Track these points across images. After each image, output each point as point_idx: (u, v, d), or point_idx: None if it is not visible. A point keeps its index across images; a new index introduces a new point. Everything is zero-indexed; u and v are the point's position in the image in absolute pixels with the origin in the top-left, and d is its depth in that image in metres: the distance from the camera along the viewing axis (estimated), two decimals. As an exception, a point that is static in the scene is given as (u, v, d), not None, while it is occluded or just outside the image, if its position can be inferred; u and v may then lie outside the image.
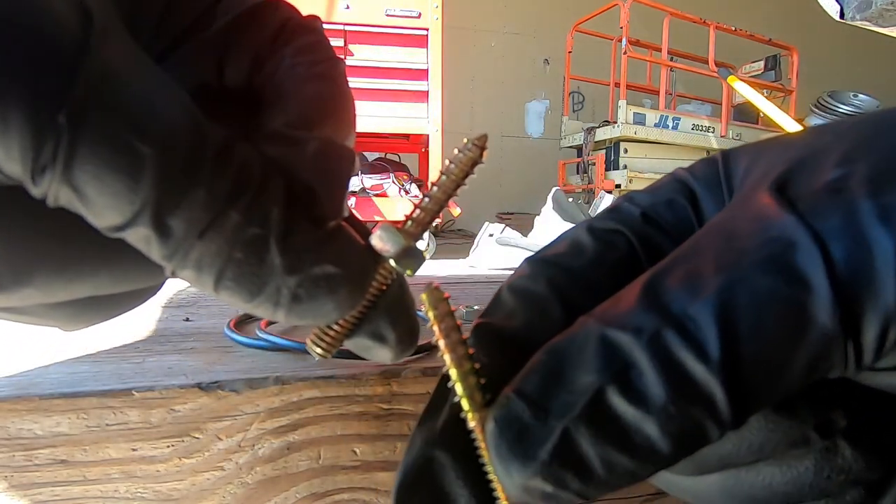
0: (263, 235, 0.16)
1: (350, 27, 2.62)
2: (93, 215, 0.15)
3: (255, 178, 0.16)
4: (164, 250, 0.16)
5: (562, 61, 4.35)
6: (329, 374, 0.29)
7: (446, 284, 0.66)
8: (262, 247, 0.16)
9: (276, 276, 0.17)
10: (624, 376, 0.13)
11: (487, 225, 1.24)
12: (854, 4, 0.94)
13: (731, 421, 0.13)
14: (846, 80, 5.04)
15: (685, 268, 0.14)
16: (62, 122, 0.13)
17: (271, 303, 0.17)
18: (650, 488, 0.33)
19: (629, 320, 0.14)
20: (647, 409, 0.13)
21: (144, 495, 0.27)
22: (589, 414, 0.13)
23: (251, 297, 0.17)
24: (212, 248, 0.16)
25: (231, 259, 0.16)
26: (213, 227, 0.16)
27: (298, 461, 0.29)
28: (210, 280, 0.16)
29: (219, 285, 0.16)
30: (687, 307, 0.13)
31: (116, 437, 0.26)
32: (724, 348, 0.13)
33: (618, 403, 0.13)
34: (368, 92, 2.67)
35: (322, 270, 0.17)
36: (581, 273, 0.18)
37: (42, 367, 0.31)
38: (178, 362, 0.32)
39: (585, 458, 0.13)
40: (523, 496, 0.14)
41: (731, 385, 0.13)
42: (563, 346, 0.14)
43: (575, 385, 0.14)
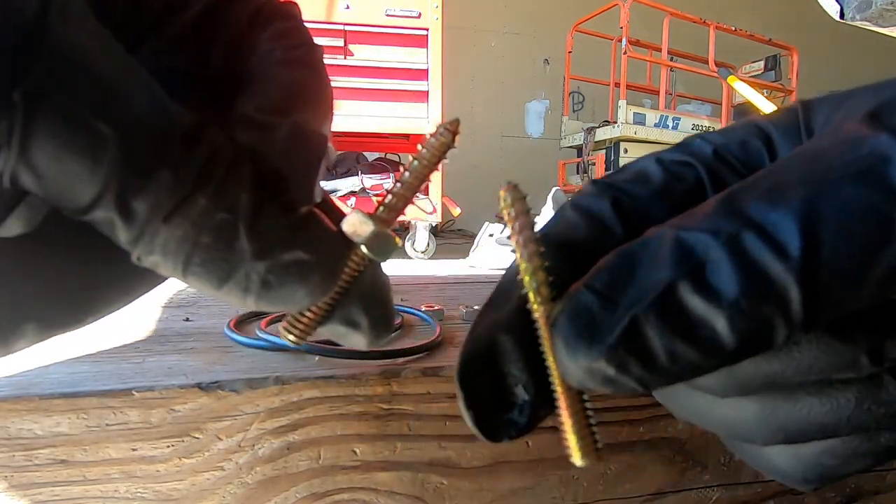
0: (232, 220, 0.16)
1: (350, 27, 2.62)
2: (54, 198, 0.14)
3: (223, 162, 0.16)
4: (128, 234, 0.15)
5: (562, 61, 4.35)
6: (329, 374, 0.29)
7: (446, 284, 0.66)
8: (231, 232, 0.16)
9: (246, 262, 0.16)
10: (697, 272, 0.13)
11: (487, 225, 1.24)
12: (854, 4, 0.94)
13: (801, 322, 0.13)
14: (846, 80, 5.03)
15: (767, 183, 0.14)
16: (17, 99, 0.13)
17: (240, 289, 0.17)
18: (650, 488, 0.33)
19: (707, 224, 0.14)
20: (718, 302, 0.13)
21: (144, 495, 0.27)
22: (658, 305, 0.13)
23: (220, 284, 0.17)
24: (178, 233, 0.16)
25: (198, 244, 0.16)
26: (180, 212, 0.16)
27: (298, 461, 0.29)
28: (178, 265, 0.16)
29: (187, 271, 0.16)
30: (769, 213, 0.13)
31: (116, 437, 0.26)
32: (805, 249, 0.13)
33: (688, 297, 0.13)
34: (368, 92, 2.66)
35: (293, 256, 0.17)
36: (646, 201, 0.18)
37: (42, 367, 0.30)
38: (178, 362, 0.32)
39: (650, 346, 0.13)
40: (586, 379, 0.14)
41: (808, 286, 0.13)
42: (635, 248, 0.15)
43: (646, 281, 0.14)
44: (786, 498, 0.36)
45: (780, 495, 0.35)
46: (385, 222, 0.19)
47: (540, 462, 0.32)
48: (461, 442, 0.30)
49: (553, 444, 0.32)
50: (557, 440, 0.32)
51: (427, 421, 0.30)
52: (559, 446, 0.33)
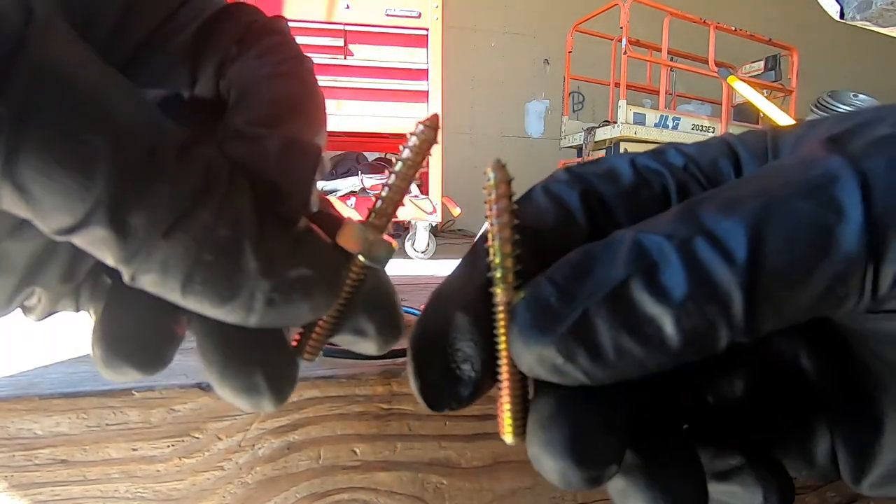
0: (235, 237, 0.16)
1: (350, 27, 2.62)
2: (40, 217, 0.14)
3: (222, 175, 0.16)
4: (123, 252, 0.15)
5: (562, 61, 4.35)
6: (329, 374, 0.29)
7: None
8: (235, 249, 0.16)
9: (251, 281, 0.16)
10: (650, 271, 0.14)
11: (487, 225, 1.24)
12: (854, 4, 0.94)
13: (742, 327, 0.14)
14: (846, 80, 5.04)
15: (725, 195, 0.15)
16: (2, 113, 0.12)
17: (244, 309, 0.16)
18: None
19: (664, 229, 0.14)
20: (667, 302, 0.14)
21: (144, 495, 0.27)
22: (610, 300, 0.14)
23: (222, 303, 0.16)
24: (179, 250, 0.15)
25: (200, 262, 0.15)
26: (180, 226, 0.15)
27: (298, 461, 0.29)
28: (176, 284, 0.15)
29: (186, 290, 0.15)
30: (721, 221, 0.14)
31: (116, 437, 0.26)
32: (750, 255, 0.13)
33: (639, 295, 0.14)
34: (368, 92, 2.67)
35: (297, 273, 0.17)
36: (612, 199, 0.19)
37: (42, 367, 0.31)
38: (178, 362, 0.32)
39: (599, 339, 0.14)
40: (535, 365, 0.15)
41: (750, 290, 0.13)
42: (597, 247, 0.15)
43: (602, 277, 0.15)
44: (786, 498, 0.36)
45: (780, 495, 0.35)
46: (378, 229, 0.19)
47: (540, 462, 0.32)
48: (461, 442, 0.30)
49: (553, 444, 0.32)
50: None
51: (427, 421, 0.30)
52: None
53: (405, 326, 0.22)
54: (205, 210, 0.15)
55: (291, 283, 0.17)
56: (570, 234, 0.18)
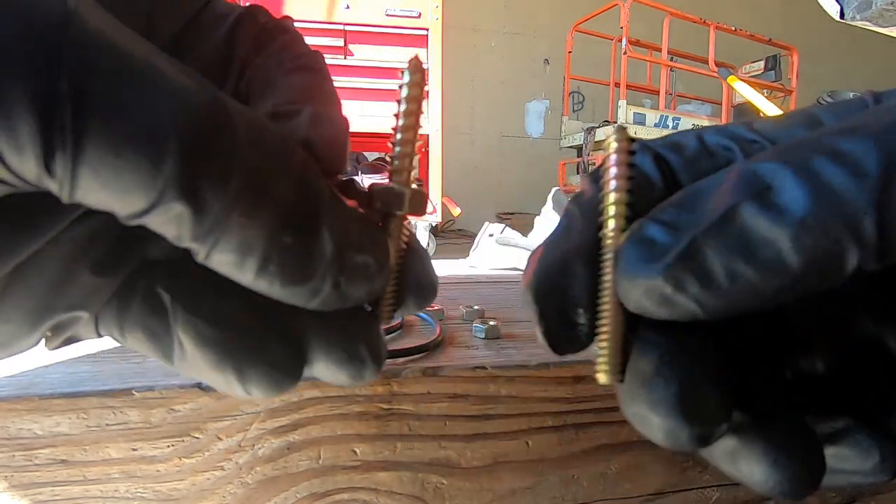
0: (316, 216, 0.15)
1: (350, 27, 2.62)
2: (115, 199, 0.13)
3: (296, 150, 0.15)
4: (198, 229, 0.14)
5: (562, 61, 4.35)
6: (329, 374, 0.29)
7: (446, 284, 0.66)
8: (313, 230, 0.15)
9: (324, 265, 0.15)
10: (763, 194, 0.13)
11: (487, 225, 1.24)
12: (854, 4, 0.94)
13: (874, 248, 0.12)
14: (846, 80, 5.04)
15: (841, 125, 0.13)
16: (62, 90, 0.12)
17: (311, 293, 0.15)
18: (650, 488, 0.33)
19: (776, 157, 0.13)
20: (784, 221, 0.12)
21: (144, 495, 0.27)
22: (719, 225, 0.13)
23: (292, 286, 0.15)
24: (258, 230, 0.14)
25: (279, 243, 0.14)
26: (263, 204, 0.14)
27: (298, 461, 0.29)
28: (253, 265, 0.14)
29: (261, 272, 0.15)
30: (845, 141, 0.13)
31: (116, 437, 0.26)
32: (883, 169, 0.12)
33: (751, 217, 0.13)
34: (368, 92, 2.66)
35: (362, 259, 0.16)
36: (678, 168, 0.18)
37: (42, 367, 0.30)
38: (178, 362, 0.32)
39: (709, 265, 0.13)
40: (642, 299, 0.14)
41: (884, 205, 0.12)
42: (703, 182, 0.15)
43: (710, 208, 0.14)
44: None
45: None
46: (407, 183, 0.18)
47: (540, 462, 0.32)
48: (461, 442, 0.30)
49: (553, 444, 0.32)
50: (557, 440, 0.32)
51: (427, 421, 0.30)
52: (559, 446, 0.33)
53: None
54: (284, 185, 0.15)
55: (357, 268, 0.16)
56: (650, 196, 0.17)
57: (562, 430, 0.32)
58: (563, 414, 0.31)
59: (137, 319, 0.19)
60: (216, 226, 0.14)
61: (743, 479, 0.16)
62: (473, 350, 0.35)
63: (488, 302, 0.52)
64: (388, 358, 0.31)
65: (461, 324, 0.43)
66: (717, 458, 0.16)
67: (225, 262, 0.15)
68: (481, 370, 0.31)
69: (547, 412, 0.31)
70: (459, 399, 0.30)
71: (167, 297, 0.18)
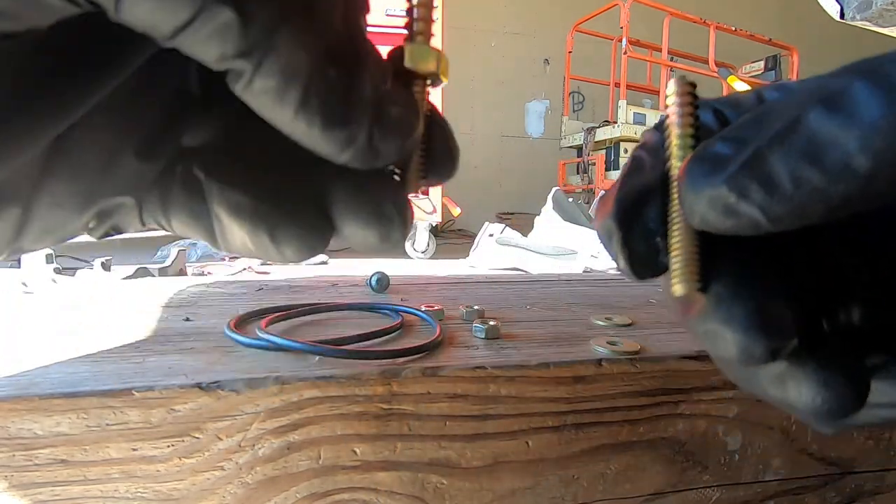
0: (360, 55, 0.14)
1: (350, 27, 2.62)
2: (159, 6, 0.12)
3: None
4: (243, 41, 0.13)
5: (562, 61, 4.35)
6: (329, 374, 0.29)
7: (446, 284, 0.66)
8: (358, 69, 0.14)
9: (362, 109, 0.15)
10: (832, 100, 0.13)
11: (487, 225, 1.24)
12: (854, 4, 0.94)
13: None
14: (846, 80, 5.03)
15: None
16: None
17: (345, 139, 0.15)
18: (650, 488, 0.33)
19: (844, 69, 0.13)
20: (851, 122, 0.12)
21: (144, 495, 0.27)
22: (785, 132, 0.13)
23: (330, 128, 0.14)
24: (308, 57, 0.13)
25: (323, 74, 0.14)
26: (314, 26, 0.13)
27: (298, 461, 0.29)
28: (295, 95, 0.14)
29: (302, 105, 0.14)
30: None
31: (116, 437, 0.26)
32: None
33: (818, 122, 0.13)
34: (368, 92, 2.66)
35: (396, 112, 0.16)
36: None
37: (42, 367, 0.30)
38: (178, 362, 0.32)
39: (773, 171, 0.13)
40: (707, 212, 0.14)
41: None
42: (769, 103, 0.15)
43: (776, 121, 0.14)
44: (786, 498, 0.36)
45: (780, 495, 0.35)
46: (429, 43, 0.18)
47: (540, 462, 0.32)
48: (461, 442, 0.30)
49: (553, 444, 0.32)
50: (557, 440, 0.32)
51: (427, 421, 0.30)
52: (559, 446, 0.33)
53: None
54: (332, 13, 0.14)
55: (391, 120, 0.16)
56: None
57: (562, 430, 0.32)
58: (563, 414, 0.31)
59: (179, 202, 0.19)
60: (263, 40, 0.13)
61: (788, 401, 0.16)
62: (473, 350, 0.35)
63: (488, 302, 0.52)
64: (388, 358, 0.31)
65: (461, 324, 0.43)
66: (764, 382, 0.17)
67: (267, 90, 0.14)
68: (481, 370, 0.31)
69: (547, 412, 0.31)
70: (459, 399, 0.30)
71: (202, 175, 0.18)
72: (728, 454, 0.34)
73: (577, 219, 1.66)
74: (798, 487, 0.36)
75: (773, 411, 0.34)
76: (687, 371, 0.33)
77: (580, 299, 0.55)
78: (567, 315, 0.47)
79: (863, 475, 0.37)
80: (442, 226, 3.31)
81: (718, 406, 0.34)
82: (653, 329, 0.41)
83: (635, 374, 0.32)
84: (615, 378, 0.32)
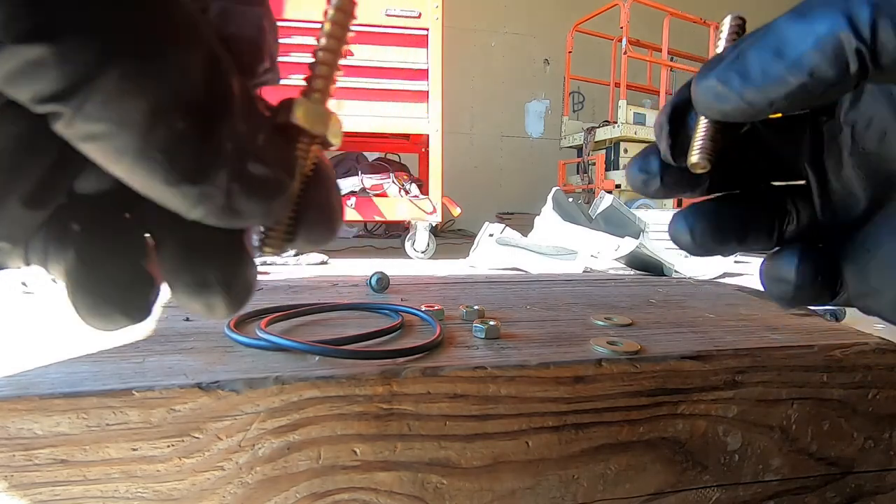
0: (220, 103, 0.13)
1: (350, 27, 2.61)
2: None
3: (204, 26, 0.13)
4: (61, 81, 0.11)
5: (562, 61, 4.36)
6: (329, 374, 0.29)
7: (446, 284, 0.66)
8: (213, 121, 0.13)
9: (219, 164, 0.13)
10: (800, 9, 0.17)
11: (487, 225, 1.24)
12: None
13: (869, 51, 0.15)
14: (846, 80, 5.04)
15: None
16: None
17: (196, 197, 0.13)
18: (650, 488, 0.33)
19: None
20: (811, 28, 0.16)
21: (144, 495, 0.27)
22: (760, 35, 0.17)
23: (177, 182, 0.13)
24: (142, 101, 0.12)
25: (169, 124, 0.12)
26: (153, 68, 0.12)
27: (298, 461, 0.29)
28: (132, 143, 0.12)
29: (142, 155, 0.12)
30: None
31: (116, 437, 0.26)
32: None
33: (786, 25, 0.17)
34: (368, 92, 2.67)
35: (262, 171, 0.14)
36: None
37: (42, 367, 0.31)
38: (178, 362, 0.32)
39: (748, 64, 0.17)
40: (702, 96, 0.18)
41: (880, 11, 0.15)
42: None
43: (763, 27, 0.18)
44: (786, 498, 0.36)
45: (780, 495, 0.35)
46: (325, 103, 0.17)
47: (540, 462, 0.32)
48: (461, 442, 0.30)
49: (553, 444, 0.32)
50: (557, 440, 0.32)
51: (427, 421, 0.30)
52: (559, 446, 0.32)
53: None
54: (185, 59, 0.12)
55: (255, 180, 0.14)
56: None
57: (562, 430, 0.32)
58: (563, 414, 0.32)
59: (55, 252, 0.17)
60: (83, 81, 0.11)
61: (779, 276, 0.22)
62: (473, 350, 0.35)
63: (488, 302, 0.52)
64: (388, 358, 0.31)
65: (461, 324, 0.43)
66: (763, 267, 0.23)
67: (94, 134, 0.12)
68: (481, 370, 0.31)
69: (547, 412, 0.31)
70: (459, 399, 0.30)
71: (77, 225, 0.17)
72: (728, 454, 0.34)
73: (577, 219, 1.66)
74: (798, 487, 0.36)
75: (774, 411, 0.34)
76: (687, 371, 0.33)
77: (580, 299, 0.55)
78: (567, 315, 0.47)
79: (863, 475, 0.37)
80: (442, 226, 3.31)
81: (718, 406, 0.34)
82: (653, 329, 0.41)
83: (635, 374, 0.32)
84: (615, 378, 0.32)
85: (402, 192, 2.70)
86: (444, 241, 2.71)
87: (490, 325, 0.38)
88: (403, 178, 2.78)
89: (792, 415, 0.35)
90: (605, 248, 1.74)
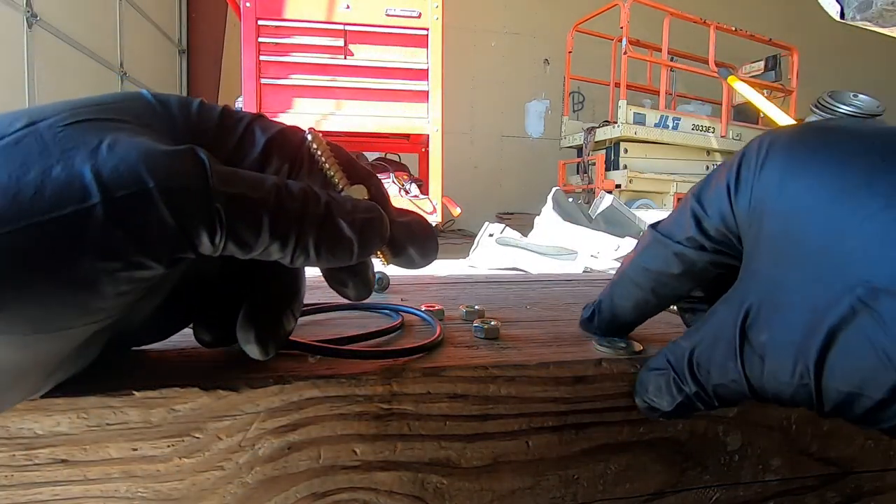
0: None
1: (350, 27, 2.62)
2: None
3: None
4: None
5: (562, 61, 4.35)
6: (329, 374, 0.29)
7: (446, 284, 0.66)
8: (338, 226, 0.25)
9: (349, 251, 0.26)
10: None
11: (487, 225, 1.24)
12: (854, 4, 0.94)
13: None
14: (846, 80, 5.04)
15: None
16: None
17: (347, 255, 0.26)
18: (650, 488, 0.33)
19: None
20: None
21: (144, 495, 0.27)
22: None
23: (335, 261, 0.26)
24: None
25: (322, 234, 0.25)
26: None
27: (298, 461, 0.29)
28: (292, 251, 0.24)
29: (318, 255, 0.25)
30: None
31: (117, 437, 0.26)
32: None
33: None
34: (368, 92, 2.67)
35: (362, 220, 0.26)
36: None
37: (42, 366, 0.30)
38: (178, 362, 0.32)
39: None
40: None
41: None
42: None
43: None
44: (786, 498, 0.36)
45: (780, 495, 0.35)
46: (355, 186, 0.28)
47: (540, 462, 0.32)
48: (461, 442, 0.30)
49: (553, 445, 0.32)
50: (557, 440, 0.32)
51: (427, 421, 0.30)
52: (559, 446, 0.32)
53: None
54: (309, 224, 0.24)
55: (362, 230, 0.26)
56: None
57: (562, 430, 0.32)
58: (563, 414, 0.32)
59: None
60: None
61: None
62: (474, 350, 0.35)
63: (488, 302, 0.52)
64: (388, 358, 0.31)
65: (461, 324, 0.43)
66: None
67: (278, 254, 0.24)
68: (481, 370, 0.31)
69: (547, 412, 0.31)
70: (459, 399, 0.30)
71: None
72: (728, 454, 0.34)
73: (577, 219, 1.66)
74: (798, 487, 0.36)
75: (774, 411, 0.34)
76: (687, 371, 0.33)
77: (580, 299, 0.55)
78: (567, 315, 0.47)
79: (863, 475, 0.37)
80: (442, 226, 3.31)
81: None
82: (653, 329, 0.41)
83: (635, 374, 0.32)
84: (615, 378, 0.32)
85: (403, 192, 2.70)
86: (444, 241, 2.71)
87: (490, 324, 0.38)
88: (403, 177, 2.78)
89: (792, 415, 0.35)
90: (605, 248, 1.74)
